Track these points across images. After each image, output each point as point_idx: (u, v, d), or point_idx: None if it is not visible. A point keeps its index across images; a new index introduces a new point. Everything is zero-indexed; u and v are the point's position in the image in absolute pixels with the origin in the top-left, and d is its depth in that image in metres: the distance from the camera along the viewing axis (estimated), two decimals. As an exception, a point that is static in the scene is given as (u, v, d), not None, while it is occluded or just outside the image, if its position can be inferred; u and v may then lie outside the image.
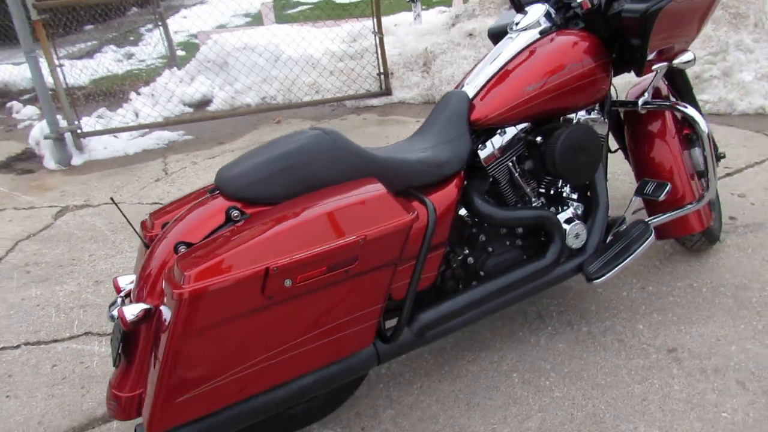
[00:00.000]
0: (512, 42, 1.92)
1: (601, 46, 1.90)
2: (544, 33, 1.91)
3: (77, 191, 3.81)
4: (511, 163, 1.87)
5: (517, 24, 1.98)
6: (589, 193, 2.02)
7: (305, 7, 8.85)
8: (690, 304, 2.12)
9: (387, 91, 4.86)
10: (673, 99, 2.15)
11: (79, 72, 6.55)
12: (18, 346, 2.36)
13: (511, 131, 1.85)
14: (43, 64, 4.15)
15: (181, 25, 8.79)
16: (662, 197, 1.96)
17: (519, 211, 1.82)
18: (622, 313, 2.12)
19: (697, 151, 2.19)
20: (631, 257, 1.90)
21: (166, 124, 4.74)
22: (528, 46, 1.87)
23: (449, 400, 1.85)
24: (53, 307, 2.57)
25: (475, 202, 1.79)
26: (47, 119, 4.22)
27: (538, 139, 1.86)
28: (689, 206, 2.03)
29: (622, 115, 2.23)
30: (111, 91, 5.89)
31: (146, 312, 1.38)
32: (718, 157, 2.34)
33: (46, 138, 4.27)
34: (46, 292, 2.70)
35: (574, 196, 2.01)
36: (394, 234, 1.41)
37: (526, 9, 2.04)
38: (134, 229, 1.66)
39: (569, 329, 2.08)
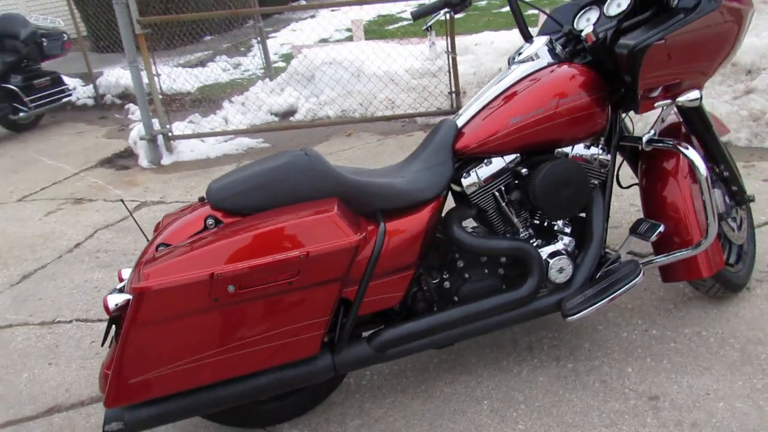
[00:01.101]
0: (510, 73, 1.95)
1: (599, 81, 1.87)
2: (547, 65, 1.92)
3: (158, 188, 4.23)
4: (498, 193, 1.89)
5: (519, 54, 2.01)
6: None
7: (406, 22, 9.07)
8: (691, 352, 2.01)
9: (457, 110, 4.91)
10: (675, 138, 2.06)
11: (191, 79, 7.20)
12: (70, 321, 2.70)
13: (497, 161, 1.87)
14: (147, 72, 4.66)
15: (287, 38, 9.35)
16: (653, 238, 1.89)
17: (493, 241, 1.85)
18: (615, 354, 2.05)
19: (717, 193, 2.08)
20: (609, 297, 1.85)
21: (247, 131, 5.11)
22: (522, 78, 1.89)
23: (415, 418, 1.90)
24: (107, 290, 2.91)
25: (451, 227, 1.84)
26: (143, 122, 4.72)
27: (524, 170, 1.87)
28: (683, 251, 1.94)
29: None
30: (210, 98, 6.42)
31: (127, 302, 1.58)
32: (746, 200, 2.20)
33: (141, 139, 4.77)
34: (105, 277, 3.05)
35: (567, 230, 1.99)
36: (336, 253, 1.51)
37: (533, 39, 2.06)
38: (140, 228, 1.89)
39: (554, 364, 2.05)
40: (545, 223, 1.99)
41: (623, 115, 2.12)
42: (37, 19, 6.58)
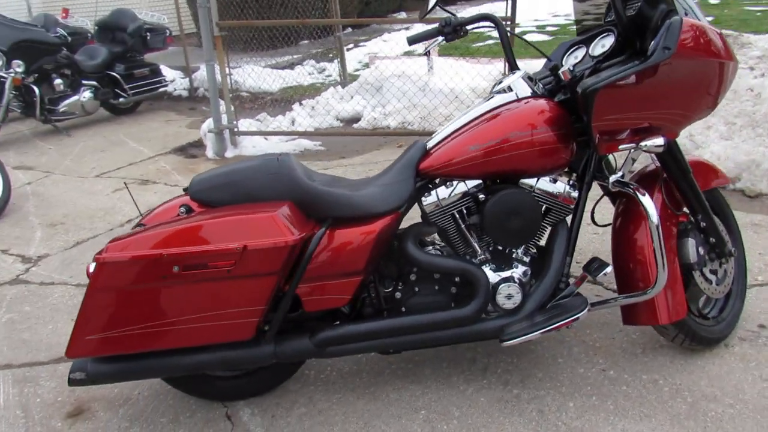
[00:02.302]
0: (484, 103, 2.03)
1: (565, 118, 1.91)
2: (519, 98, 1.99)
3: (213, 178, 4.59)
4: (458, 215, 1.98)
5: (499, 84, 2.09)
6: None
7: (492, 42, 9.09)
8: (639, 398, 2.00)
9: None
10: (650, 183, 2.06)
11: (278, 80, 7.65)
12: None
13: (459, 185, 1.96)
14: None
15: (377, 47, 9.65)
16: (598, 278, 1.90)
17: (440, 259, 1.94)
18: (563, 388, 2.07)
19: (690, 242, 2.05)
20: (546, 328, 1.89)
21: (306, 133, 5.40)
22: (491, 109, 1.97)
23: (355, 415, 2.03)
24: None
25: (403, 242, 1.95)
26: (213, 116, 5.13)
27: (482, 196, 1.95)
28: (631, 296, 1.94)
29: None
30: (288, 99, 6.80)
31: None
32: (725, 253, 2.14)
33: (209, 132, 5.18)
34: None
35: (526, 259, 2.03)
36: (271, 250, 1.68)
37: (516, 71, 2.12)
38: (138, 210, 2.15)
39: (501, 387, 2.10)
40: (506, 250, 2.05)
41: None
42: (145, 15, 7.26)
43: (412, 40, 2.25)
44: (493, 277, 1.97)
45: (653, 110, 1.81)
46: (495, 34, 2.15)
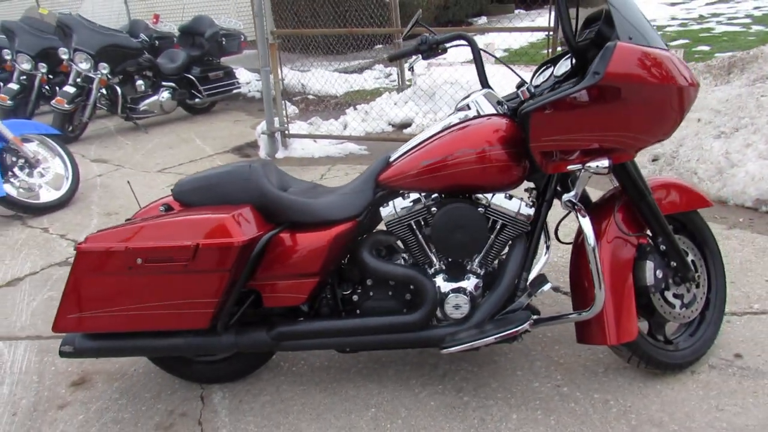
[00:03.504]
0: (446, 119, 2.12)
1: (519, 137, 1.95)
2: (478, 116, 2.05)
3: (258, 177, 4.89)
4: (415, 225, 2.08)
5: (463, 101, 2.16)
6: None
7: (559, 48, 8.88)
8: (584, 416, 2.01)
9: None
10: (609, 205, 2.06)
11: (344, 84, 7.92)
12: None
13: (415, 197, 2.06)
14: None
15: (454, 56, 9.69)
16: (536, 294, 1.94)
17: (390, 266, 2.04)
18: (513, 399, 2.12)
19: (647, 265, 2.03)
20: (484, 339, 1.95)
21: (352, 138, 5.59)
22: (449, 126, 2.05)
23: (311, 407, 2.18)
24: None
25: (358, 248, 2.08)
26: (266, 119, 5.44)
27: (434, 209, 2.04)
28: (570, 315, 1.95)
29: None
30: (349, 103, 7.04)
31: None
32: (688, 278, 2.09)
33: (262, 133, 5.50)
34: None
35: (480, 271, 2.09)
36: (221, 248, 1.87)
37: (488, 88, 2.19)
38: (139, 205, 2.41)
39: (454, 394, 2.18)
40: (464, 261, 2.12)
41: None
42: (222, 21, 7.76)
43: (391, 57, 2.36)
44: (444, 286, 2.06)
45: (595, 132, 1.82)
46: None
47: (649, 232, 2.08)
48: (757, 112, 3.77)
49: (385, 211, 2.08)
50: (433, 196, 2.06)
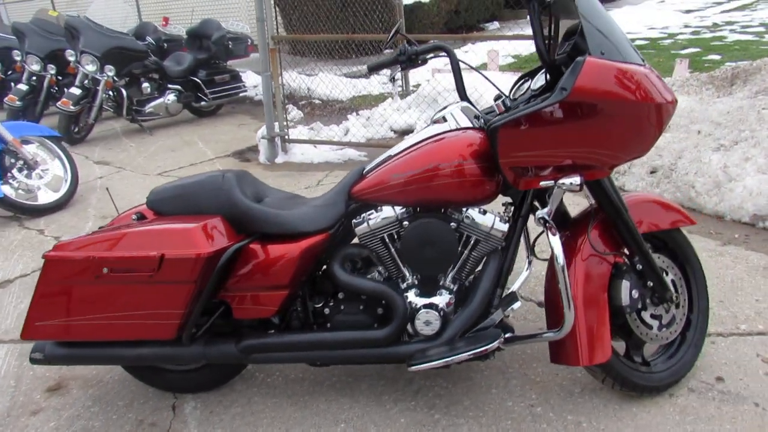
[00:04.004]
0: (422, 132, 2.09)
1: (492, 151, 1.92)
2: (451, 129, 2.02)
3: (255, 182, 4.89)
4: (388, 239, 2.05)
5: (439, 112, 2.13)
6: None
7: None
8: (554, 438, 1.97)
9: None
10: (584, 222, 2.02)
11: (351, 89, 7.91)
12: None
13: (387, 210, 2.02)
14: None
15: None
16: (506, 311, 1.90)
17: (359, 280, 2.01)
18: (483, 419, 2.08)
19: (623, 285, 1.98)
20: (452, 357, 1.91)
21: (350, 144, 5.57)
22: (423, 139, 2.02)
23: (281, 420, 2.16)
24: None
25: (330, 261, 2.05)
26: (266, 124, 5.44)
27: (406, 223, 2.00)
28: (542, 334, 1.91)
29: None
30: (355, 108, 7.02)
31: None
32: (665, 299, 2.03)
33: (262, 138, 5.50)
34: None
35: (453, 287, 2.06)
36: (185, 260, 1.85)
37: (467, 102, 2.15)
38: (117, 212, 2.41)
39: (425, 411, 2.14)
40: (437, 276, 2.08)
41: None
42: (230, 25, 7.79)
43: (371, 68, 2.33)
44: (415, 302, 2.02)
45: (566, 149, 1.78)
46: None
47: (626, 251, 2.03)
48: (758, 125, 3.69)
49: (357, 224, 2.05)
50: (406, 209, 2.02)
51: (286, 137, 5.50)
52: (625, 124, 1.75)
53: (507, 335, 1.97)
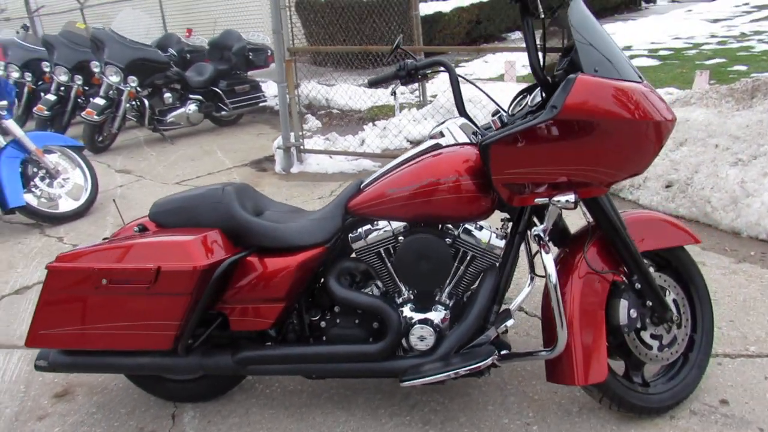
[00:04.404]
0: (419, 146, 2.09)
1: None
2: (448, 145, 2.02)
3: (271, 191, 4.94)
4: (384, 253, 2.06)
5: (437, 127, 2.13)
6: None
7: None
8: (549, 458, 1.94)
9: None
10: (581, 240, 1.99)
11: (369, 100, 7.94)
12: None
13: (383, 225, 2.03)
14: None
15: (476, 69, 9.65)
16: (498, 329, 1.88)
17: (354, 294, 2.02)
18: (478, 436, 2.06)
19: (620, 304, 1.95)
20: (446, 373, 1.90)
21: (363, 154, 5.58)
22: (419, 153, 2.03)
23: (277, 431, 2.17)
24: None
25: (326, 274, 2.06)
26: (282, 134, 5.50)
27: (401, 238, 2.01)
28: (538, 353, 1.89)
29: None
30: (373, 118, 7.05)
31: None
32: (665, 319, 1.99)
33: (278, 148, 5.56)
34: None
35: (449, 302, 2.05)
36: (181, 273, 1.88)
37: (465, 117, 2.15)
38: (123, 222, 2.46)
39: (420, 426, 2.13)
40: (433, 292, 2.08)
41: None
42: (250, 36, 7.90)
43: (372, 83, 2.35)
44: (410, 317, 2.02)
45: (560, 166, 1.76)
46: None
47: (625, 269, 2.00)
48: (777, 139, 3.61)
49: (354, 239, 2.06)
50: (402, 224, 2.03)
51: (301, 147, 5.55)
52: (619, 142, 1.73)
53: (503, 352, 1.96)
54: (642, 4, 17.82)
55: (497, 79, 8.22)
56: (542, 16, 1.79)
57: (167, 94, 7.03)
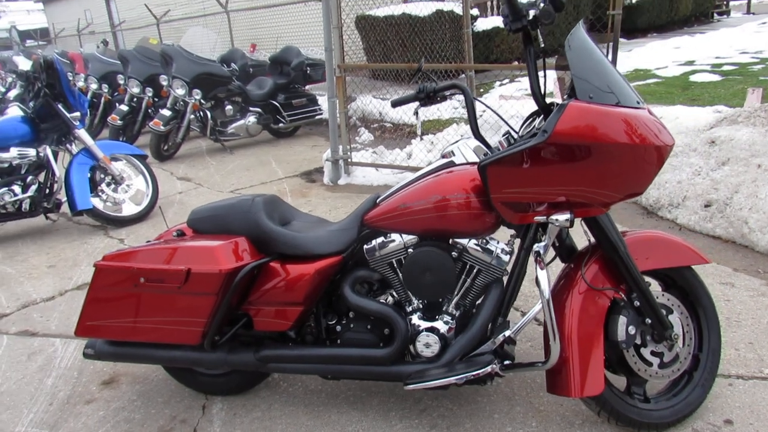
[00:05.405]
0: (432, 164, 2.22)
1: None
2: (459, 164, 2.15)
3: (315, 202, 5.16)
4: (396, 264, 2.20)
5: (450, 146, 2.26)
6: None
7: (652, 81, 8.52)
8: (545, 466, 2.01)
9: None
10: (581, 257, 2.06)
11: (421, 113, 8.09)
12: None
13: (396, 237, 2.17)
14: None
15: (525, 85, 9.61)
16: (497, 338, 1.97)
17: (365, 301, 2.16)
18: (480, 442, 2.16)
19: (619, 320, 2.01)
20: (444, 379, 2.01)
21: (406, 168, 5.72)
22: (430, 171, 2.16)
23: (294, 427, 2.34)
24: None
25: (342, 282, 2.22)
26: (331, 147, 5.72)
27: (410, 250, 2.14)
28: (532, 365, 1.96)
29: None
30: (423, 132, 7.20)
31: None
32: (664, 337, 2.03)
33: (327, 160, 5.78)
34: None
35: (455, 312, 2.17)
36: (208, 275, 2.09)
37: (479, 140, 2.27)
38: (167, 227, 2.71)
39: (427, 429, 2.25)
40: (441, 301, 2.20)
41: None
42: (308, 52, 8.23)
43: (394, 103, 2.50)
44: (418, 325, 2.15)
45: (555, 187, 1.85)
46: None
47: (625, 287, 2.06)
48: (823, 161, 3.51)
49: (368, 250, 2.21)
50: (412, 237, 2.16)
51: (349, 160, 5.76)
52: (612, 166, 1.80)
53: (506, 362, 2.06)
54: (714, 16, 17.22)
55: (548, 95, 8.18)
56: (543, 44, 1.89)
57: (228, 107, 7.42)
